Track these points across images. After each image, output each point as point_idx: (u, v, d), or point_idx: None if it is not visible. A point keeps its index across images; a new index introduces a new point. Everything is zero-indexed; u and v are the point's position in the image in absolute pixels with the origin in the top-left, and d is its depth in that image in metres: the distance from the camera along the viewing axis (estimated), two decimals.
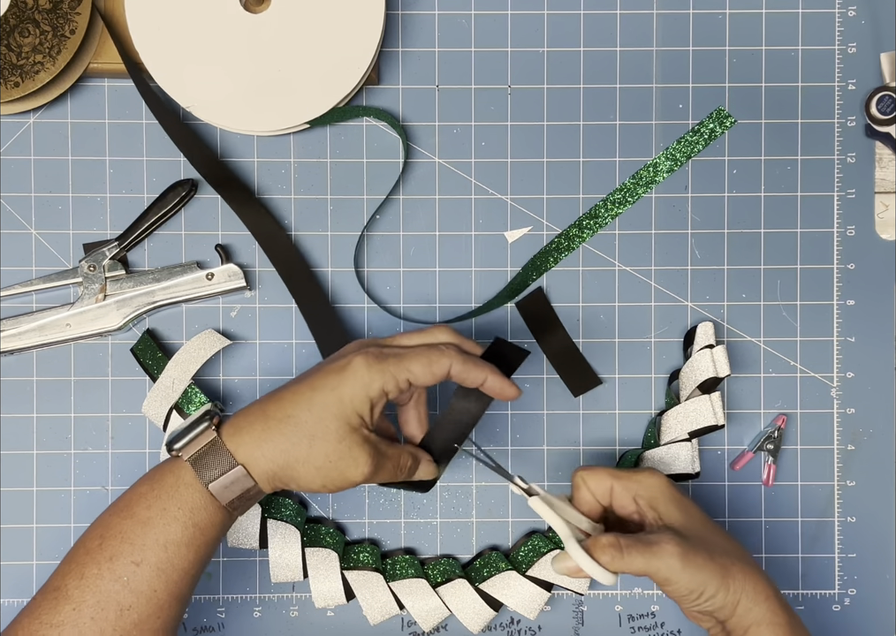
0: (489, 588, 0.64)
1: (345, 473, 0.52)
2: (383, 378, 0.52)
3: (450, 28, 0.67)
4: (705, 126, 0.67)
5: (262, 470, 0.52)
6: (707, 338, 0.65)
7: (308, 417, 0.52)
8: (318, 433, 0.52)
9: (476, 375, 0.54)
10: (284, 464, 0.52)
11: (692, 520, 0.56)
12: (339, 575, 0.64)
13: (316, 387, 0.52)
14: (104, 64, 0.65)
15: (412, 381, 0.53)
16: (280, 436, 0.52)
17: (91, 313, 0.65)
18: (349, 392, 0.52)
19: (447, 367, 0.53)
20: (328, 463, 0.52)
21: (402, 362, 0.53)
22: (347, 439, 0.52)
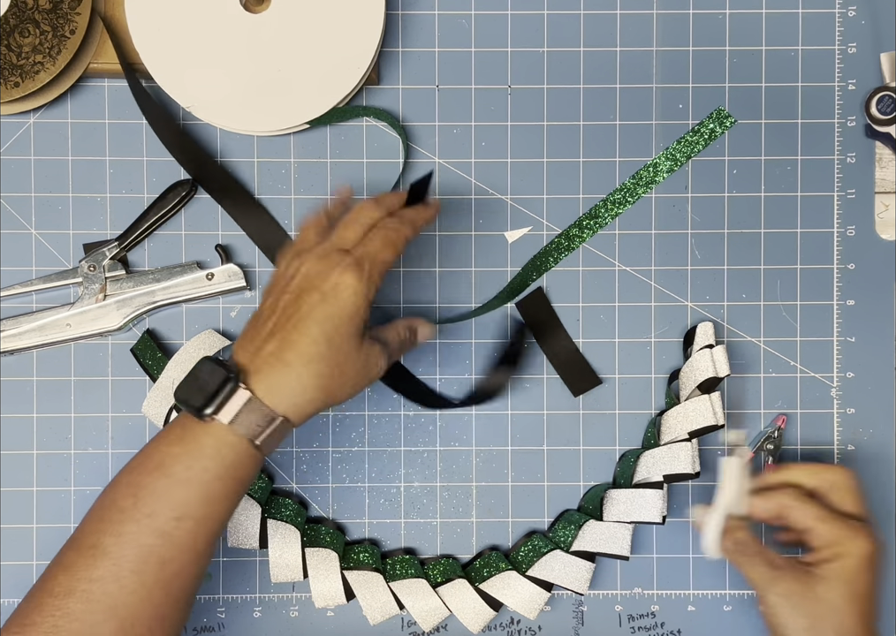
0: (489, 588, 0.64)
1: (370, 375, 0.56)
2: (371, 282, 0.54)
3: (450, 28, 0.67)
4: (705, 126, 0.67)
5: (304, 412, 0.53)
6: (707, 338, 0.65)
7: (328, 348, 0.53)
8: (342, 357, 0.53)
9: (418, 223, 0.58)
10: (325, 397, 0.53)
11: (841, 591, 0.57)
12: (339, 575, 0.64)
13: (318, 318, 0.53)
14: (104, 64, 0.65)
15: (387, 269, 0.55)
16: (313, 377, 0.52)
17: (91, 313, 0.65)
18: (353, 309, 0.53)
19: (405, 241, 0.56)
20: (358, 375, 0.54)
21: (376, 259, 0.54)
22: (364, 349, 0.55)
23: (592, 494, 0.67)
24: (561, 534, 0.65)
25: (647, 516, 0.64)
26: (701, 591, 0.68)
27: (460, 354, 0.68)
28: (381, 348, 0.56)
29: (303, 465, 0.68)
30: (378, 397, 0.68)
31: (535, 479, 0.68)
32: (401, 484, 0.68)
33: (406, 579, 0.65)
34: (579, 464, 0.68)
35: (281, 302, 0.54)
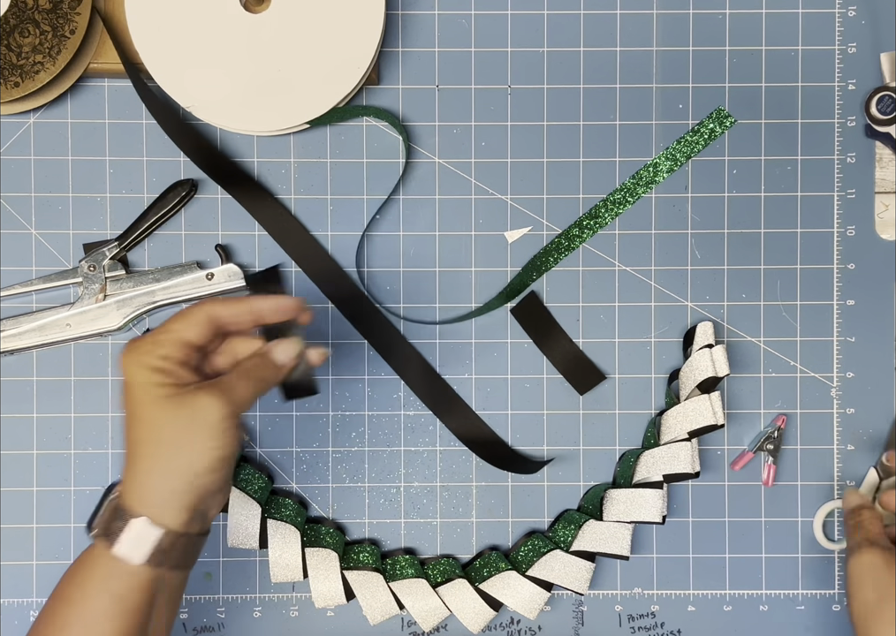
0: (489, 588, 0.64)
1: (207, 422, 0.49)
2: (147, 349, 0.51)
3: (450, 28, 0.67)
4: (705, 126, 0.67)
5: (159, 505, 0.50)
6: (706, 338, 0.65)
7: (143, 428, 0.50)
8: (158, 427, 0.50)
9: (240, 306, 0.53)
10: (167, 471, 0.50)
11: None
12: (339, 575, 0.64)
13: (124, 406, 0.51)
14: (104, 64, 0.65)
15: (178, 337, 0.51)
16: (143, 462, 0.50)
17: (91, 313, 0.65)
18: (139, 380, 0.50)
19: (204, 312, 0.52)
20: (187, 433, 0.49)
21: (158, 330, 0.51)
22: (180, 404, 0.49)
23: (592, 494, 0.67)
24: (561, 534, 0.65)
25: (647, 516, 0.64)
26: (701, 591, 0.68)
27: (460, 354, 0.68)
28: (208, 391, 0.50)
29: (303, 465, 0.68)
30: (378, 396, 0.68)
31: (535, 479, 0.68)
32: (401, 484, 0.68)
33: (406, 579, 0.65)
34: (579, 464, 0.68)
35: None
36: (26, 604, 0.67)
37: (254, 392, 0.52)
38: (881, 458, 0.68)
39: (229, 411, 0.50)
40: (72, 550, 0.67)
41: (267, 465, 0.68)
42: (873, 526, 0.63)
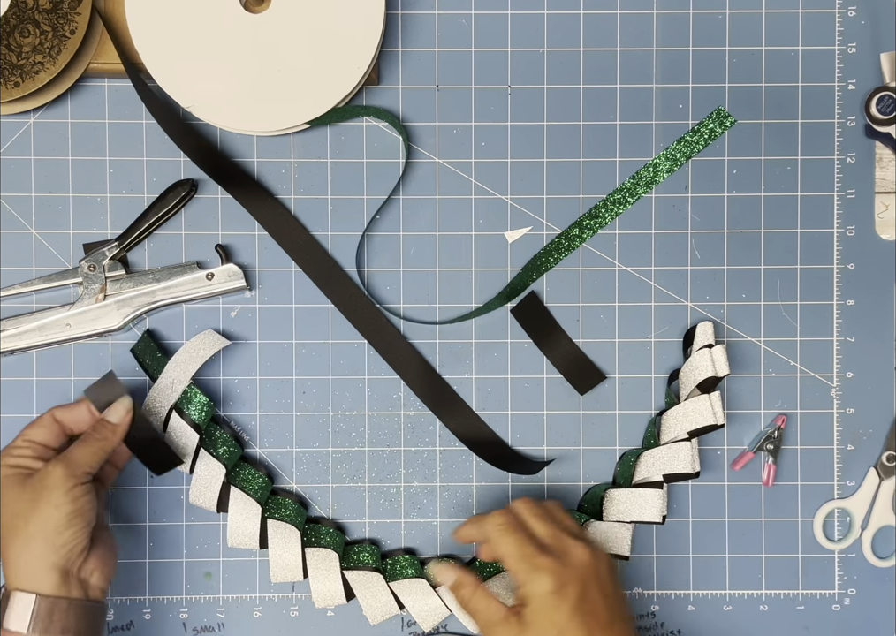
0: (491, 588, 0.64)
1: (52, 483, 0.56)
2: (4, 453, 0.58)
3: (450, 28, 0.67)
4: (705, 126, 0.67)
5: (26, 573, 0.55)
6: (706, 338, 0.65)
7: (5, 508, 0.57)
8: (15, 508, 0.56)
9: (78, 408, 0.60)
10: (29, 542, 0.55)
11: (540, 631, 0.56)
12: (339, 575, 0.64)
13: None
14: (104, 64, 0.65)
15: (29, 438, 0.59)
16: (12, 542, 0.56)
17: (91, 313, 0.65)
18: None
19: (49, 416, 0.60)
20: (40, 501, 0.56)
21: (14, 439, 0.60)
22: (29, 484, 0.56)
23: (592, 494, 0.67)
24: None
25: (647, 516, 0.64)
26: (701, 591, 0.68)
27: (460, 354, 0.68)
28: (52, 463, 0.57)
29: (303, 465, 0.68)
30: (378, 396, 0.68)
31: (535, 479, 0.68)
32: (401, 484, 0.68)
33: (406, 578, 0.65)
34: (579, 464, 0.68)
35: None
36: None
37: (94, 452, 0.58)
38: (881, 458, 0.68)
39: (69, 471, 0.56)
40: None
41: (267, 465, 0.68)
42: (479, 603, 0.59)
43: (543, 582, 0.56)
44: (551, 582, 0.56)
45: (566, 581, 0.56)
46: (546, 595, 0.56)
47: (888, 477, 0.68)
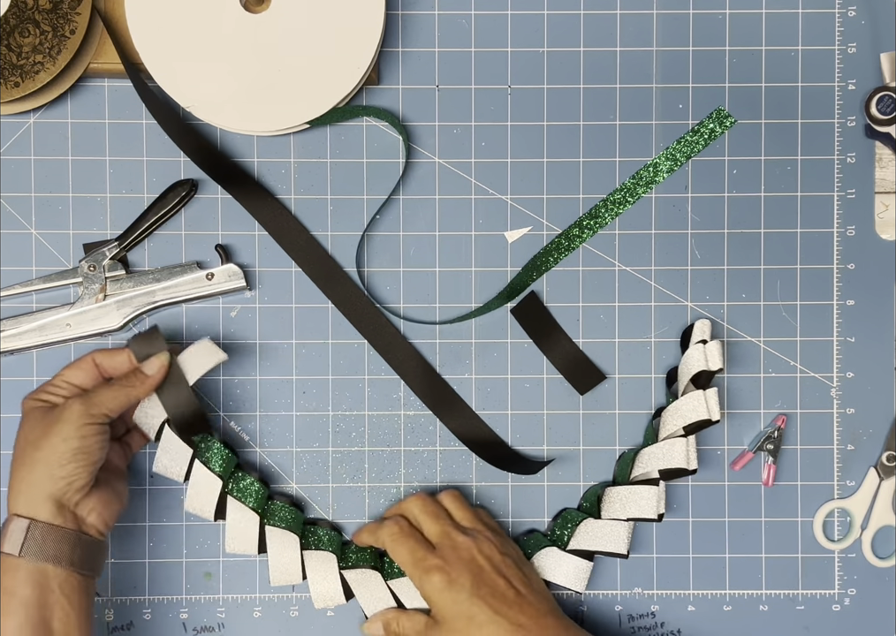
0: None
1: (67, 417, 0.57)
2: (38, 392, 0.60)
3: (450, 28, 0.67)
4: (705, 126, 0.67)
5: (27, 500, 0.56)
6: (702, 334, 0.65)
7: (19, 444, 0.58)
8: (30, 437, 0.58)
9: (119, 354, 0.61)
10: (32, 469, 0.57)
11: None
12: (338, 576, 0.64)
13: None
14: (104, 64, 0.65)
15: (66, 379, 0.60)
16: (16, 463, 0.58)
17: (91, 313, 0.65)
18: (25, 411, 0.60)
19: (89, 358, 0.61)
20: (51, 432, 0.57)
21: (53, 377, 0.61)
22: (48, 415, 0.58)
23: (590, 492, 0.67)
24: (558, 533, 0.65)
25: (643, 512, 0.64)
26: (701, 591, 0.68)
27: (460, 354, 0.68)
28: (73, 399, 0.58)
29: (303, 465, 0.68)
30: (378, 396, 0.68)
31: (535, 479, 0.68)
32: (401, 484, 0.68)
33: (404, 576, 0.65)
34: (579, 464, 0.68)
35: None
36: None
37: (116, 396, 0.59)
38: (881, 458, 0.68)
39: (85, 409, 0.57)
40: None
41: (266, 466, 0.67)
42: (405, 624, 0.64)
43: (434, 581, 0.60)
44: (441, 579, 0.60)
45: (455, 575, 0.60)
46: (441, 592, 0.59)
47: (888, 477, 0.68)
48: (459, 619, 0.59)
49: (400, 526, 0.63)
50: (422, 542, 0.62)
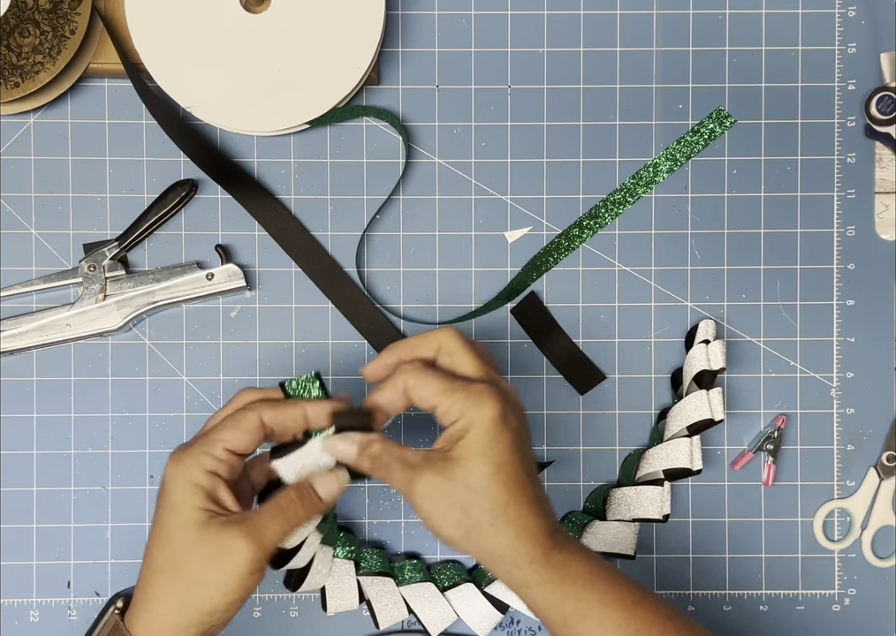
0: (496, 591, 0.64)
1: (230, 566, 0.48)
2: (195, 462, 0.49)
3: (450, 28, 0.67)
4: (705, 126, 0.67)
5: (160, 632, 0.49)
6: (706, 334, 0.65)
7: (162, 552, 0.49)
8: (178, 556, 0.49)
9: (293, 412, 0.51)
10: (175, 608, 0.49)
11: (481, 466, 0.49)
12: (356, 583, 0.64)
13: (154, 524, 0.51)
14: (104, 64, 0.65)
15: (230, 447, 0.50)
16: (154, 589, 0.50)
17: (91, 313, 0.65)
18: (176, 498, 0.49)
19: (257, 418, 0.50)
20: (206, 571, 0.48)
21: (208, 438, 0.50)
22: (206, 537, 0.49)
23: (596, 494, 0.67)
24: None
25: (648, 513, 0.64)
26: (701, 591, 0.68)
27: None
28: (238, 530, 0.49)
29: None
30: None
31: None
32: None
33: (414, 583, 0.64)
34: (579, 464, 0.68)
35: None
36: (27, 604, 0.67)
37: (287, 531, 0.50)
38: (881, 458, 0.68)
39: (256, 555, 0.49)
40: (71, 551, 0.67)
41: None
42: (388, 452, 0.51)
43: (487, 406, 0.49)
44: (496, 406, 0.49)
45: (509, 410, 0.50)
46: (490, 422, 0.48)
47: (888, 477, 0.68)
48: (485, 464, 0.48)
49: (418, 362, 0.51)
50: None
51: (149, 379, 0.67)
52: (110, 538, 0.67)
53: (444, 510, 0.49)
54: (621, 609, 0.50)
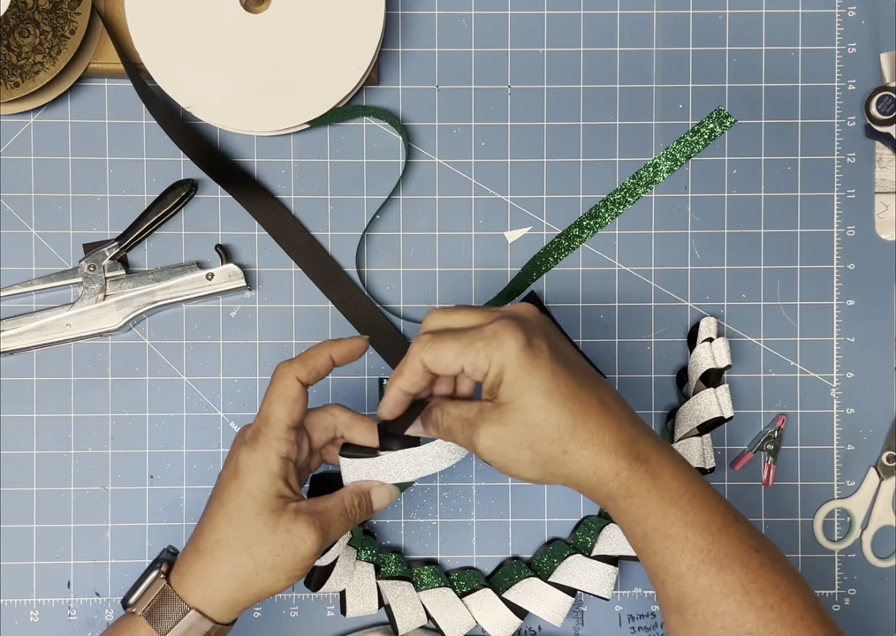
0: (514, 596, 0.64)
1: (299, 554, 0.50)
2: (271, 449, 0.51)
3: (450, 28, 0.67)
4: (705, 126, 0.67)
5: (219, 604, 0.51)
6: (708, 332, 0.65)
7: (232, 530, 0.51)
8: (250, 539, 0.50)
9: (320, 360, 0.52)
10: (239, 586, 0.51)
11: (530, 401, 0.48)
12: (375, 587, 0.64)
13: (223, 499, 0.51)
14: (104, 64, 0.65)
15: (289, 423, 0.51)
16: (219, 564, 0.51)
17: (91, 313, 0.65)
18: (253, 487, 0.50)
19: (294, 382, 0.51)
20: (277, 557, 0.50)
21: (269, 419, 0.51)
22: (279, 525, 0.50)
23: None
24: (581, 540, 0.65)
25: None
26: None
27: None
28: (309, 521, 0.51)
29: None
30: (377, 397, 0.68)
31: None
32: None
33: (433, 588, 0.64)
34: None
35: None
36: (27, 604, 0.67)
37: (346, 531, 0.53)
38: (881, 458, 0.68)
39: (322, 547, 0.51)
40: (71, 551, 0.67)
41: None
42: (449, 412, 0.51)
43: (508, 342, 0.47)
44: (517, 337, 0.47)
45: (530, 333, 0.48)
46: (519, 355, 0.47)
47: (888, 477, 0.68)
48: (536, 397, 0.47)
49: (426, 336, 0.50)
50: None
51: (149, 379, 0.67)
52: (109, 538, 0.67)
53: (514, 454, 0.49)
54: (706, 533, 0.48)
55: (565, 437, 0.48)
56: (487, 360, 0.47)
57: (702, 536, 0.48)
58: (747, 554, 0.48)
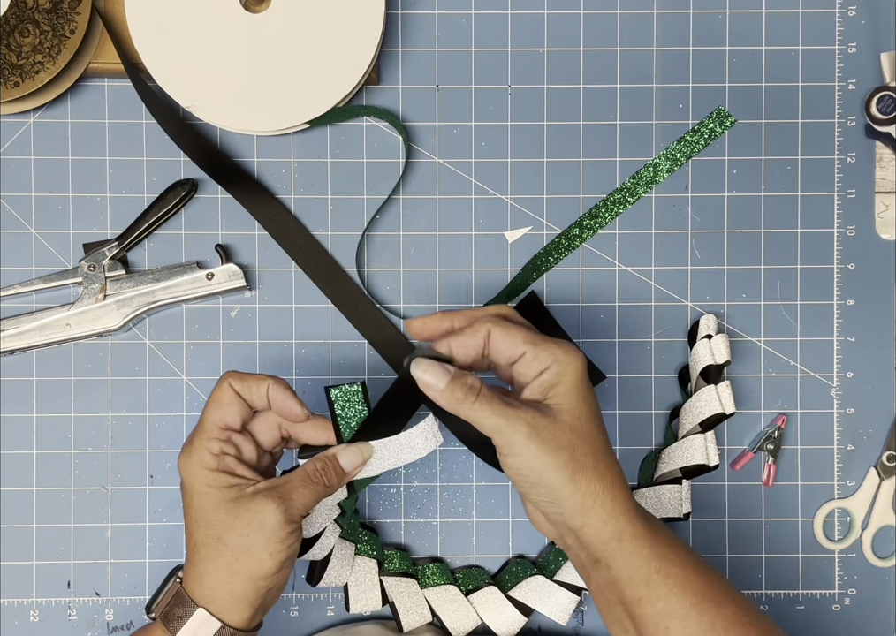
0: (519, 595, 0.64)
1: (266, 528, 0.51)
2: (202, 449, 0.52)
3: (450, 28, 0.67)
4: (705, 126, 0.67)
5: (219, 601, 0.52)
6: (708, 329, 0.65)
7: (201, 531, 0.52)
8: (219, 530, 0.51)
9: (255, 382, 0.54)
10: (228, 576, 0.51)
11: (581, 411, 0.51)
12: (378, 582, 0.64)
13: (185, 508, 0.53)
14: (104, 64, 0.65)
15: (222, 424, 0.53)
16: (204, 563, 0.52)
17: (91, 313, 0.65)
18: (200, 487, 0.52)
19: (229, 389, 0.53)
20: (247, 537, 0.51)
21: (202, 424, 0.53)
22: (240, 509, 0.51)
23: None
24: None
25: (669, 513, 0.64)
26: None
27: None
28: (266, 495, 0.51)
29: None
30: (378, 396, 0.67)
31: None
32: (401, 484, 0.68)
33: (438, 586, 0.64)
34: None
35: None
36: (27, 604, 0.67)
37: (315, 498, 0.53)
38: (881, 458, 0.68)
39: (287, 517, 0.51)
40: (71, 551, 0.67)
41: None
42: (484, 387, 0.52)
43: (577, 357, 0.50)
44: (583, 359, 0.51)
45: (584, 364, 0.51)
46: (582, 371, 0.50)
47: (888, 477, 0.68)
48: (585, 410, 0.50)
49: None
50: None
51: (149, 379, 0.67)
52: (109, 538, 0.67)
53: (554, 450, 0.49)
54: (698, 573, 0.51)
55: (598, 456, 0.51)
56: (550, 360, 0.50)
57: (696, 575, 0.50)
58: (731, 589, 0.51)
